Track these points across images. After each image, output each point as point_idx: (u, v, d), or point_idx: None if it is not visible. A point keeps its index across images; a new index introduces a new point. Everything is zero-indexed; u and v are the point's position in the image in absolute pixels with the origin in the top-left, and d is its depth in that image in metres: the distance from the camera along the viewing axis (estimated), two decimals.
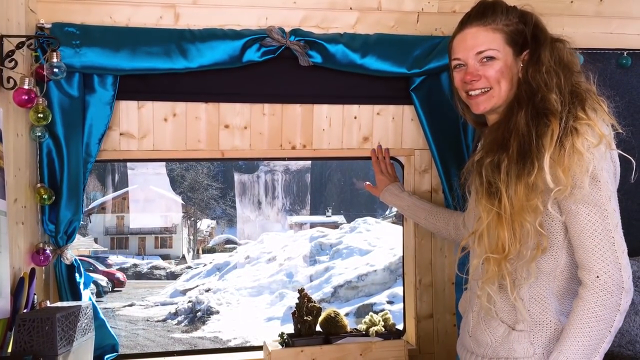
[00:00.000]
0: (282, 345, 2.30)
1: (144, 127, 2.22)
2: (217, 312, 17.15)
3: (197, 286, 19.72)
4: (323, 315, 2.38)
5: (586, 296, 1.41)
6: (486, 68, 1.63)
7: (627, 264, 1.41)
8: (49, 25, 2.03)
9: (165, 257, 28.76)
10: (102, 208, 29.93)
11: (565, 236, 1.52)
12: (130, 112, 2.21)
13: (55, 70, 1.88)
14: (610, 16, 2.48)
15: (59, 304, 1.97)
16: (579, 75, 1.58)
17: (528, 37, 1.61)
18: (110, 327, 2.28)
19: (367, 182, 2.40)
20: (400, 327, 2.55)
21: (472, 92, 1.66)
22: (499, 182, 1.50)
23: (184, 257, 29.18)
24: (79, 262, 2.19)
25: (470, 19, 1.66)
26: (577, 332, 1.40)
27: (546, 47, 1.58)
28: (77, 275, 2.17)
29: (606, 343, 1.40)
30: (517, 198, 1.47)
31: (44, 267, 2.12)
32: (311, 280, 17.15)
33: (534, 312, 1.54)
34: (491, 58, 1.62)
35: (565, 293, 1.55)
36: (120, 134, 2.21)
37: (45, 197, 2.04)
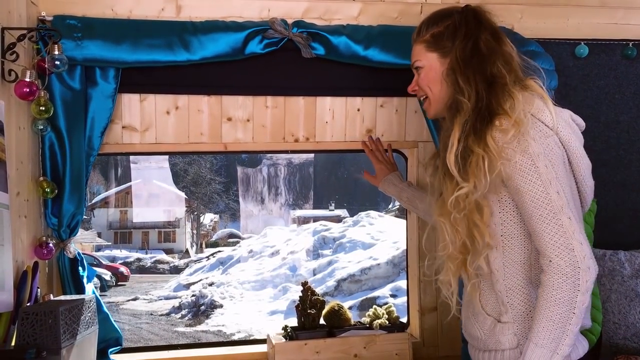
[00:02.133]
0: (286, 339, 2.30)
1: (146, 120, 2.21)
2: (221, 306, 17.21)
3: (201, 280, 19.78)
4: (327, 308, 2.37)
5: (544, 281, 1.44)
6: (418, 78, 1.74)
7: (581, 243, 1.42)
8: (50, 18, 2.01)
9: (168, 251, 28.84)
10: (105, 202, 30.00)
11: (521, 226, 1.55)
12: (132, 105, 2.20)
13: (57, 62, 1.87)
14: (615, 6, 2.45)
15: (62, 297, 1.97)
16: (501, 64, 1.57)
17: (446, 38, 1.65)
18: (114, 321, 2.28)
19: (366, 170, 2.38)
20: (404, 320, 2.54)
21: (420, 100, 1.81)
22: (442, 182, 1.61)
23: (187, 251, 29.25)
24: (82, 255, 2.19)
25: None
26: (541, 318, 1.43)
27: (459, 44, 1.61)
28: (80, 268, 2.16)
29: (573, 325, 1.41)
30: (453, 197, 1.54)
31: (47, 261, 2.11)
32: (314, 274, 17.18)
33: (514, 302, 1.56)
34: (418, 68, 1.72)
35: (537, 277, 1.54)
36: (123, 127, 2.20)
37: (48, 190, 2.03)
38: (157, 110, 2.22)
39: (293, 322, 2.40)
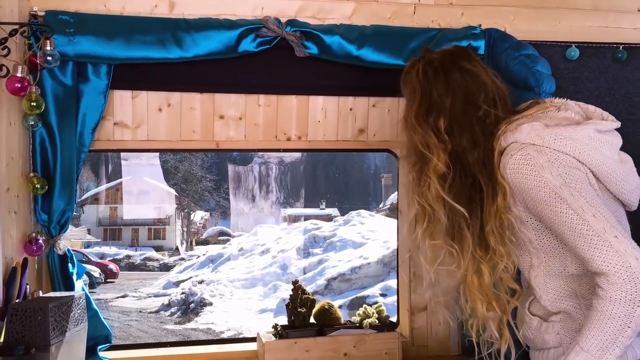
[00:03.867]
0: (276, 337, 2.30)
1: (138, 117, 2.21)
2: (211, 304, 17.15)
3: (191, 278, 19.71)
4: (317, 307, 2.38)
5: (602, 295, 1.35)
6: None
7: (637, 259, 1.32)
8: (42, 13, 2.00)
9: (158, 249, 28.73)
10: (95, 199, 29.84)
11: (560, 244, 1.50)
12: (124, 102, 2.19)
13: (49, 58, 1.86)
14: (606, 10, 2.47)
15: (51, 294, 1.96)
16: (479, 103, 1.55)
17: None
18: (104, 318, 2.27)
19: None
20: (394, 319, 2.55)
21: None
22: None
23: (177, 248, 29.16)
24: (71, 252, 2.18)
25: None
26: (594, 327, 1.36)
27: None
28: (70, 265, 2.16)
29: (626, 337, 1.34)
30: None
31: (36, 257, 2.10)
32: (305, 273, 17.16)
33: (560, 310, 1.53)
34: None
35: (588, 289, 1.49)
36: (114, 123, 2.19)
37: (38, 186, 2.02)
38: (149, 107, 2.21)
39: (283, 320, 2.40)
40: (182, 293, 17.95)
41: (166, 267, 24.29)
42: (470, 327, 1.59)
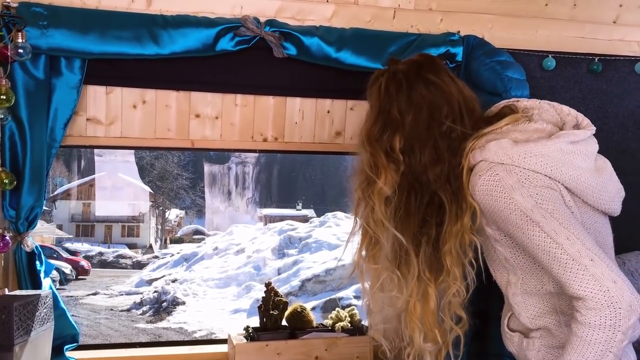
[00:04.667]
0: (247, 339, 2.28)
1: (112, 113, 2.17)
2: (183, 303, 17.02)
3: (164, 276, 19.54)
4: (289, 309, 2.36)
5: (580, 319, 1.30)
6: None
7: (615, 282, 1.26)
8: (15, 5, 1.95)
9: (132, 246, 28.41)
10: (67, 194, 29.41)
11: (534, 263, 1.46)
12: (98, 97, 2.15)
13: (20, 51, 1.83)
14: (583, 21, 2.50)
15: (17, 292, 1.91)
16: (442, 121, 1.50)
17: None
18: (72, 315, 2.23)
19: None
20: (366, 323, 2.55)
21: None
22: None
23: (151, 246, 28.87)
24: (40, 249, 2.13)
25: None
26: (574, 353, 1.31)
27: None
28: (37, 263, 2.11)
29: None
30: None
31: (3, 254, 2.05)
32: (279, 273, 17.13)
33: (541, 324, 1.49)
34: None
35: (567, 305, 1.45)
36: (87, 119, 2.15)
37: (7, 181, 1.97)
38: (123, 103, 2.18)
39: (256, 321, 2.38)
40: (155, 291, 17.78)
41: (139, 265, 24.03)
42: (407, 357, 1.55)
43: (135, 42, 2.04)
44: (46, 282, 2.11)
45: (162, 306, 16.94)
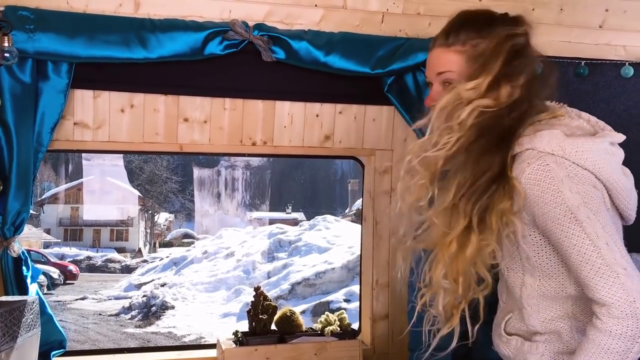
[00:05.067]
0: (236, 344, 2.27)
1: (100, 118, 2.16)
2: (173, 307, 16.94)
3: (153, 280, 19.44)
4: (278, 314, 2.36)
5: (599, 326, 1.28)
6: (443, 90, 1.50)
7: (638, 287, 1.25)
8: (1, 8, 1.93)
9: (120, 250, 28.27)
10: (55, 199, 29.21)
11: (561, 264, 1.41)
12: (85, 102, 2.14)
13: (7, 55, 1.81)
14: (569, 25, 2.52)
15: (3, 298, 1.89)
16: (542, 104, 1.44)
17: (489, 55, 1.45)
18: (60, 320, 2.21)
19: None
20: (355, 326, 2.55)
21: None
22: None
23: (140, 250, 28.74)
24: (26, 254, 2.11)
25: (436, 38, 1.52)
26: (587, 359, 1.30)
27: (503, 68, 1.42)
28: (24, 268, 2.09)
29: None
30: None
31: None
32: (269, 277, 17.10)
33: (552, 328, 1.45)
34: (448, 81, 1.48)
35: (584, 312, 1.42)
36: (75, 123, 2.14)
37: None
38: (111, 107, 2.16)
39: (246, 325, 2.37)
40: (144, 296, 17.68)
41: (128, 269, 23.92)
42: (420, 297, 1.48)
43: (123, 46, 2.02)
44: (33, 288, 2.10)
45: (151, 311, 16.84)
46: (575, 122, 1.46)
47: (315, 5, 2.27)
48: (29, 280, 2.09)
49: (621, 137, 1.44)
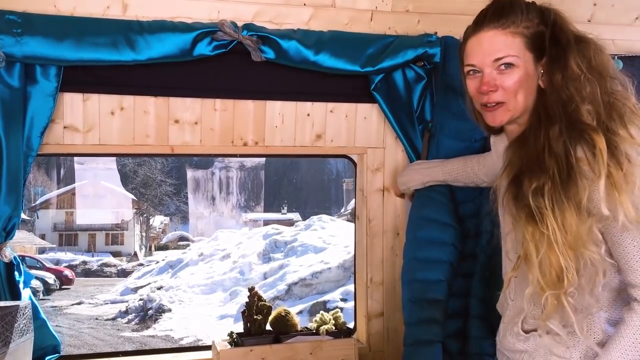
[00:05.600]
0: (232, 345, 2.27)
1: (90, 121, 2.15)
2: (169, 310, 16.91)
3: (149, 284, 19.41)
4: (273, 314, 2.35)
5: (634, 319, 1.31)
6: (504, 77, 1.45)
7: None
8: None
9: (116, 254, 28.21)
10: (49, 204, 29.10)
11: (605, 249, 1.37)
12: (74, 105, 2.13)
13: None
14: None
15: None
16: (612, 82, 1.38)
17: (547, 39, 1.44)
18: (56, 326, 2.21)
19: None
20: (351, 325, 2.55)
21: (489, 104, 1.49)
22: (544, 208, 1.33)
23: (135, 254, 28.67)
24: (18, 260, 2.10)
25: (486, 20, 1.47)
26: (628, 346, 1.31)
27: (572, 50, 1.40)
28: (16, 273, 2.08)
29: None
30: (569, 225, 1.31)
31: None
32: (265, 278, 17.09)
33: (579, 321, 1.40)
34: (510, 65, 1.44)
35: (614, 302, 1.42)
36: (64, 127, 2.13)
37: None
38: (100, 110, 2.15)
39: (242, 326, 2.37)
40: (140, 299, 17.65)
41: (124, 273, 23.87)
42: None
43: (111, 48, 2.01)
44: (25, 293, 2.09)
45: (147, 314, 16.81)
46: None
47: (304, 5, 2.27)
48: (21, 286, 2.08)
49: None
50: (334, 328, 2.38)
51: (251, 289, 2.39)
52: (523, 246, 1.40)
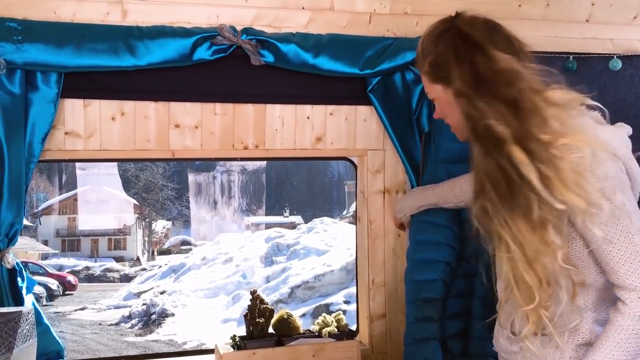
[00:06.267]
0: (234, 348, 2.27)
1: (91, 126, 2.16)
2: (172, 315, 16.93)
3: (152, 288, 19.42)
4: (276, 317, 2.36)
5: (624, 311, 1.31)
6: (437, 107, 1.60)
7: None
8: None
9: (119, 259, 28.23)
10: (51, 210, 29.13)
11: (588, 252, 1.39)
12: (75, 111, 2.14)
13: None
14: (556, 20, 2.53)
15: None
16: (513, 85, 1.36)
17: (429, 65, 1.51)
18: (59, 332, 2.22)
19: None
20: (353, 327, 2.55)
21: None
22: (497, 228, 1.34)
23: (138, 259, 28.69)
24: (21, 266, 2.11)
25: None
26: (610, 344, 1.32)
27: (453, 70, 1.42)
28: (19, 279, 2.09)
29: None
30: (524, 240, 1.31)
31: None
32: (268, 281, 17.10)
33: (568, 323, 1.43)
34: (433, 99, 1.59)
35: (601, 302, 1.43)
36: (65, 133, 2.14)
37: None
38: (101, 116, 2.16)
39: (244, 330, 2.37)
40: (144, 304, 17.67)
41: (127, 278, 23.89)
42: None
43: (111, 54, 2.03)
44: (28, 299, 2.09)
45: (151, 319, 16.83)
46: (592, 113, 1.47)
47: (303, 8, 2.28)
48: (24, 291, 2.09)
49: (630, 130, 1.47)
50: (336, 330, 2.38)
51: (253, 292, 2.39)
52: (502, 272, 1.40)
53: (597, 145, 1.32)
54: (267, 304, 2.35)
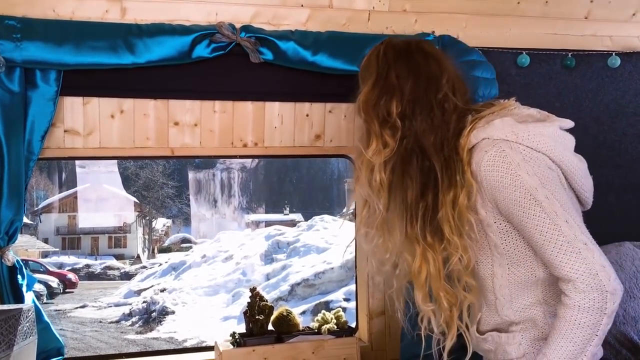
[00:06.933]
0: (234, 345, 2.28)
1: (90, 124, 2.16)
2: (173, 312, 16.93)
3: (152, 286, 19.42)
4: (275, 314, 2.37)
5: (568, 303, 1.33)
6: None
7: (604, 267, 1.31)
8: None
9: (119, 257, 28.20)
10: (51, 207, 29.12)
11: (526, 245, 1.45)
12: (75, 109, 2.14)
13: None
14: (555, 17, 2.53)
15: None
16: (432, 106, 1.46)
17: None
18: (60, 329, 2.22)
19: None
20: (353, 324, 2.56)
21: None
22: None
23: (138, 256, 28.68)
24: (21, 263, 2.11)
25: None
26: (561, 337, 1.34)
27: (380, 96, 1.51)
28: (19, 277, 2.10)
29: (593, 346, 1.33)
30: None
31: None
32: (268, 279, 17.10)
33: (527, 316, 1.49)
34: None
35: (553, 295, 1.46)
36: (65, 130, 2.14)
37: None
38: (101, 113, 2.17)
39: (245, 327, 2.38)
40: (144, 302, 17.67)
41: (127, 276, 23.87)
42: (420, 321, 1.52)
43: (110, 52, 2.03)
44: (28, 296, 2.10)
45: (151, 316, 16.83)
46: (525, 111, 1.52)
47: (302, 6, 2.28)
48: (24, 289, 2.10)
49: (570, 123, 1.51)
50: (335, 327, 2.39)
51: (253, 289, 2.40)
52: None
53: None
54: (267, 301, 2.36)
